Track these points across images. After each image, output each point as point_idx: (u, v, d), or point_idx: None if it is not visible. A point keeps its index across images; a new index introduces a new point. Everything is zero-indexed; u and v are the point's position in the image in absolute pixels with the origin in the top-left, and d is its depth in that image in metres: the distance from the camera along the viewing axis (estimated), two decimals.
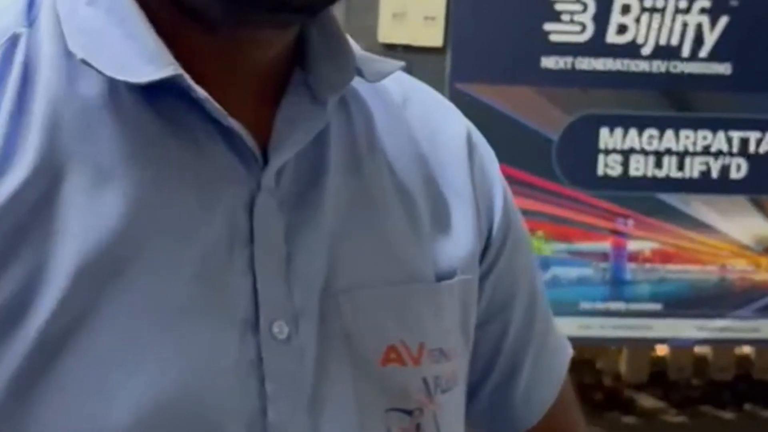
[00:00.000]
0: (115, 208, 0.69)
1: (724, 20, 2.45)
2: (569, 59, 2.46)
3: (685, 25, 2.46)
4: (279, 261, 0.73)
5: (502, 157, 0.90)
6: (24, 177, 0.68)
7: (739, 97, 2.49)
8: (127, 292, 0.68)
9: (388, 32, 2.43)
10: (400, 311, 0.79)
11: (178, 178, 0.71)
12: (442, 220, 0.84)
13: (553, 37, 2.45)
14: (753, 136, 2.50)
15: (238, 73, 0.74)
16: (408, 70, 0.88)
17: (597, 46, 2.46)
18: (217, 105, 0.70)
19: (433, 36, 2.44)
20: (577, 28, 2.45)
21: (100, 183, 0.69)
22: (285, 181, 0.74)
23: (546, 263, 2.45)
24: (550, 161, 2.45)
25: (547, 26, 2.44)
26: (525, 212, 0.94)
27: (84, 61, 0.69)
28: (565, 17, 2.44)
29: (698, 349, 2.62)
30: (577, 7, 2.44)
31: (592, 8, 2.45)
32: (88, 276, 0.67)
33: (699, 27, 2.46)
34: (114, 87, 0.70)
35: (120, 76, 0.69)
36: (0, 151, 0.68)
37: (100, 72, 0.69)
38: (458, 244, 0.84)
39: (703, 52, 2.47)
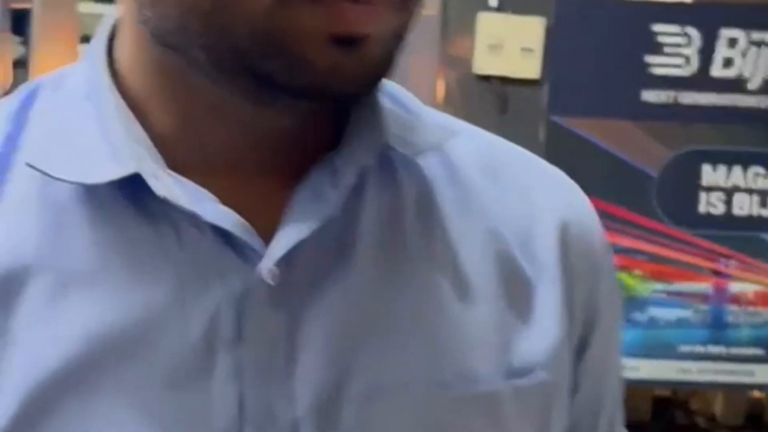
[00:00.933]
0: (77, 318, 0.64)
1: None
2: (671, 93, 2.39)
3: None
4: (276, 362, 0.65)
5: (600, 193, 0.83)
6: None
7: None
8: (87, 414, 0.63)
9: (484, 64, 2.38)
10: (438, 418, 0.67)
11: (153, 278, 0.65)
12: (521, 307, 0.71)
13: (655, 70, 2.38)
14: None
15: (255, 158, 0.69)
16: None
17: (701, 80, 2.38)
18: (186, 198, 0.64)
19: (530, 68, 2.39)
20: (680, 61, 2.37)
21: (63, 291, 0.65)
22: (299, 268, 0.66)
23: (644, 304, 2.37)
24: (650, 198, 2.37)
25: (649, 59, 2.37)
26: (622, 250, 0.86)
27: (29, 165, 0.66)
28: (669, 50, 2.37)
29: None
30: (681, 39, 2.36)
31: (697, 41, 2.37)
32: (42, 396, 0.63)
33: None
34: (89, 186, 0.66)
35: (73, 179, 0.65)
36: None
37: (49, 175, 0.66)
38: (540, 337, 0.71)
39: None
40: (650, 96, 2.39)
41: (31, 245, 0.66)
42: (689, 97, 2.39)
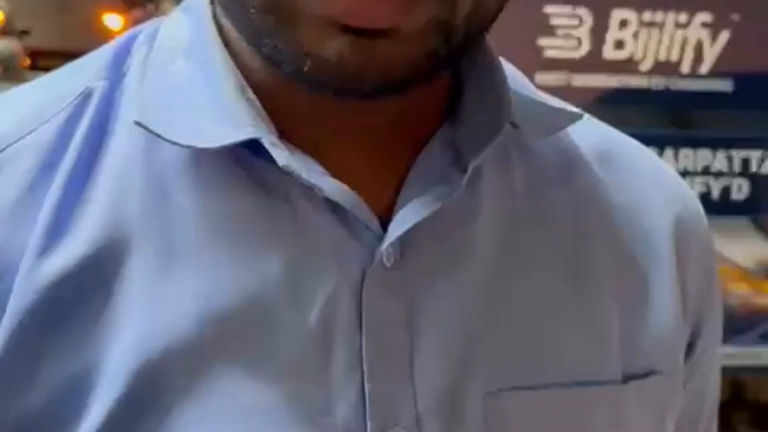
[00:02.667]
0: (185, 295, 0.59)
1: (725, 35, 2.38)
2: (564, 75, 2.38)
3: (684, 40, 2.39)
4: (398, 352, 0.60)
5: None
6: (82, 250, 0.59)
7: (741, 114, 2.42)
8: (200, 398, 0.58)
9: None
10: (566, 421, 0.64)
11: (266, 256, 0.60)
12: (637, 301, 0.69)
13: (548, 53, 2.38)
14: (755, 155, 2.42)
15: (351, 128, 0.63)
16: None
17: (593, 62, 2.38)
18: (303, 172, 0.59)
19: None
20: (573, 43, 2.38)
21: (170, 264, 0.59)
22: (414, 251, 0.62)
23: None
24: None
25: (542, 41, 2.37)
26: None
27: (138, 124, 0.60)
28: (561, 32, 2.37)
29: None
30: (573, 21, 2.37)
31: (588, 23, 2.37)
32: (153, 376, 0.58)
33: (699, 42, 2.39)
34: (198, 152, 0.61)
35: (185, 142, 0.59)
36: (52, 221, 0.59)
37: (158, 136, 0.60)
38: (658, 332, 0.69)
39: (704, 69, 2.39)
40: (544, 78, 2.38)
41: (135, 212, 0.60)
42: (582, 79, 2.39)
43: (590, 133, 0.72)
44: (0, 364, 0.58)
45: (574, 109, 0.69)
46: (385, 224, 0.61)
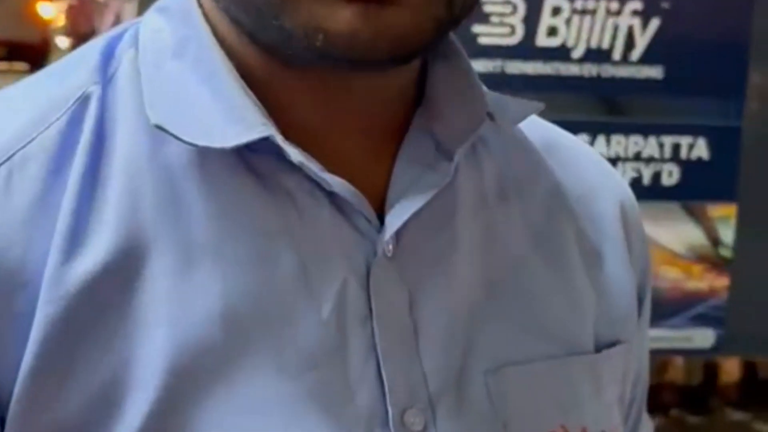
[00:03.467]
0: (208, 294, 0.59)
1: (655, 23, 2.42)
2: (498, 62, 2.40)
3: (616, 27, 2.42)
4: (405, 337, 0.62)
5: None
6: (102, 258, 0.59)
7: (672, 101, 2.45)
8: (230, 392, 0.59)
9: None
10: (557, 390, 0.67)
11: (277, 252, 0.61)
12: (598, 278, 0.72)
13: (483, 40, 2.39)
14: (685, 141, 2.46)
15: (344, 121, 0.64)
16: None
17: (527, 50, 2.40)
18: (314, 167, 0.60)
19: None
20: (506, 30, 2.39)
21: (189, 263, 0.60)
22: (407, 241, 0.64)
23: None
24: None
25: (476, 28, 2.38)
26: None
27: (159, 127, 0.60)
28: (495, 19, 2.39)
29: None
30: (507, 8, 2.39)
31: (521, 10, 2.40)
32: (184, 373, 0.58)
33: (630, 30, 2.42)
34: (203, 152, 0.61)
35: (201, 142, 0.60)
36: (71, 228, 0.59)
37: (177, 138, 0.60)
38: (618, 304, 0.73)
39: (635, 56, 2.43)
40: (478, 66, 2.38)
41: (148, 216, 0.60)
42: (515, 67, 2.41)
43: (536, 127, 0.75)
44: (33, 376, 0.57)
45: (534, 103, 0.71)
46: (378, 215, 0.63)
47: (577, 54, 2.42)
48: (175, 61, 0.63)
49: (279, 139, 0.60)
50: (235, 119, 0.60)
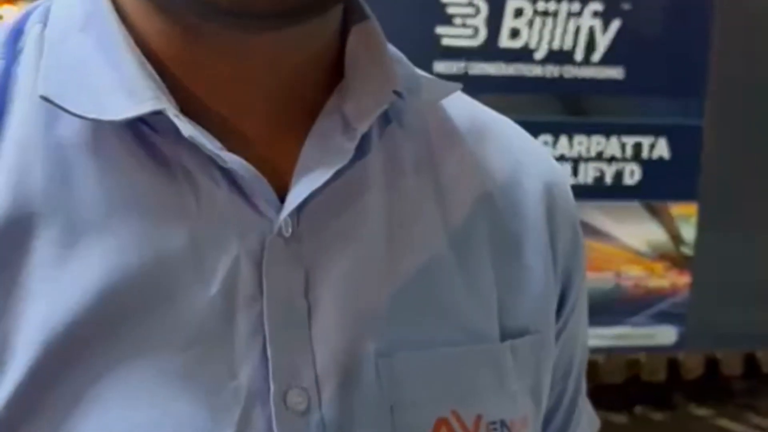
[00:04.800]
0: (91, 268, 0.59)
1: (616, 24, 2.44)
2: (462, 64, 2.42)
3: (577, 29, 2.44)
4: (297, 318, 0.62)
5: None
6: None
7: (633, 101, 2.48)
8: (105, 368, 0.59)
9: None
10: (453, 377, 0.67)
11: (168, 229, 0.61)
12: (510, 267, 0.71)
13: (446, 41, 2.41)
14: (646, 141, 2.48)
15: (249, 94, 0.64)
16: None
17: (490, 51, 2.42)
18: (208, 143, 0.60)
19: None
20: (470, 32, 2.41)
21: (74, 239, 0.60)
22: (309, 220, 0.63)
23: None
24: None
25: (439, 30, 2.40)
26: None
27: (44, 98, 0.60)
28: (458, 21, 2.40)
29: (590, 354, 2.58)
30: (470, 10, 2.41)
31: (484, 12, 2.41)
32: (57, 348, 0.58)
33: (591, 31, 2.44)
34: (98, 125, 0.61)
35: (90, 115, 0.60)
36: None
37: (64, 110, 0.60)
38: (530, 295, 0.72)
39: (596, 57, 2.45)
40: (441, 67, 2.42)
41: (37, 190, 0.60)
42: (479, 68, 2.43)
43: (464, 108, 0.74)
44: None
45: (451, 84, 0.71)
46: (284, 196, 0.63)
47: (539, 55, 2.44)
48: (81, 34, 0.63)
49: (171, 113, 0.60)
50: (128, 93, 0.60)
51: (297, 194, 0.62)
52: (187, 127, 0.59)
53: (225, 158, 0.60)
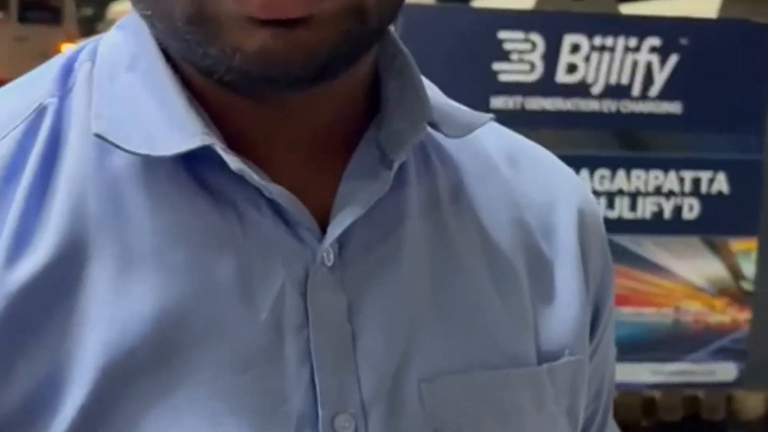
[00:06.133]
0: (144, 296, 0.62)
1: (674, 59, 2.44)
2: (518, 99, 2.43)
3: (635, 63, 2.44)
4: (342, 343, 0.64)
5: None
6: (44, 260, 0.61)
7: (691, 136, 2.47)
8: (162, 393, 0.61)
9: None
10: (495, 401, 0.68)
11: (217, 258, 0.63)
12: (545, 291, 0.73)
13: (502, 77, 2.42)
14: (705, 175, 2.47)
15: (288, 133, 0.66)
16: None
17: (546, 86, 2.43)
18: (255, 175, 0.62)
19: None
20: (526, 67, 2.42)
21: (128, 268, 0.62)
22: (350, 249, 0.66)
23: None
24: None
25: (496, 65, 2.41)
26: None
27: (98, 136, 0.62)
28: (514, 56, 2.41)
29: (647, 390, 2.55)
30: (526, 46, 2.41)
31: (541, 47, 2.42)
32: (117, 373, 0.60)
33: (649, 66, 2.44)
34: (149, 160, 0.63)
35: (142, 151, 0.62)
36: (16, 231, 0.62)
37: (117, 146, 0.62)
38: (565, 318, 0.73)
39: (654, 92, 2.44)
40: (498, 102, 2.43)
41: (92, 221, 0.62)
42: (535, 103, 2.43)
43: (499, 138, 0.76)
44: None
45: (482, 114, 0.72)
46: (325, 225, 0.65)
47: (596, 90, 2.44)
48: (129, 73, 0.66)
49: (219, 148, 0.61)
50: (177, 128, 0.62)
51: (337, 224, 0.64)
52: (234, 161, 0.61)
53: (271, 189, 0.62)
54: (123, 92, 0.65)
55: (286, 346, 0.63)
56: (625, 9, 2.98)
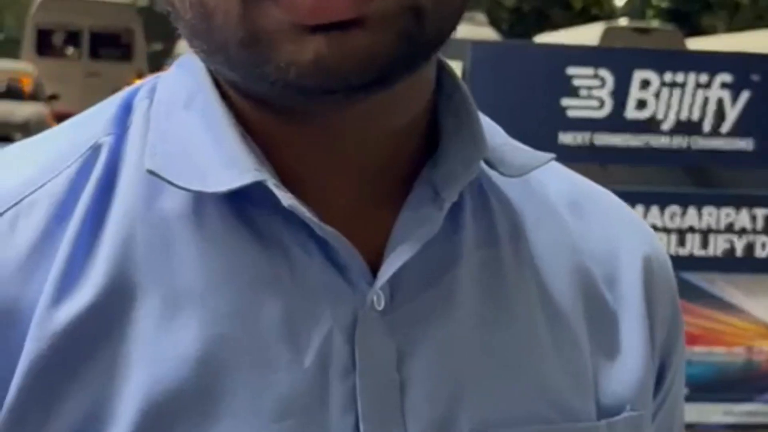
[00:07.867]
0: (188, 338, 0.61)
1: (745, 95, 2.41)
2: (587, 135, 2.41)
3: (706, 100, 2.41)
4: (389, 392, 0.62)
5: None
6: (91, 299, 0.61)
7: (762, 173, 2.44)
8: None
9: None
10: None
11: (264, 301, 0.62)
12: (607, 343, 0.70)
13: (571, 113, 2.41)
14: None
15: (341, 169, 0.65)
16: None
17: (616, 122, 2.41)
18: (307, 213, 0.61)
19: None
20: (595, 103, 2.41)
21: (173, 309, 0.62)
22: (401, 293, 0.64)
23: None
24: None
25: (565, 101, 2.40)
26: None
27: (151, 172, 0.62)
28: (583, 92, 2.40)
29: (719, 431, 2.50)
30: (595, 82, 2.40)
31: (610, 83, 2.41)
32: (158, 415, 0.60)
33: (720, 102, 2.42)
34: (199, 199, 0.63)
35: (195, 187, 0.62)
36: (65, 271, 0.62)
37: (169, 182, 0.62)
38: (628, 372, 0.70)
39: (725, 128, 2.42)
40: (567, 138, 2.41)
41: (139, 261, 0.63)
42: (604, 139, 2.42)
43: (561, 182, 0.74)
44: (14, 409, 0.60)
45: (543, 154, 0.71)
46: (374, 266, 0.63)
47: (666, 126, 2.42)
48: (185, 111, 0.66)
49: (271, 184, 0.61)
50: (230, 165, 0.62)
51: (389, 267, 0.62)
52: (285, 197, 0.61)
53: (322, 229, 0.61)
54: (178, 130, 0.65)
55: (331, 392, 0.61)
56: (692, 44, 2.95)
